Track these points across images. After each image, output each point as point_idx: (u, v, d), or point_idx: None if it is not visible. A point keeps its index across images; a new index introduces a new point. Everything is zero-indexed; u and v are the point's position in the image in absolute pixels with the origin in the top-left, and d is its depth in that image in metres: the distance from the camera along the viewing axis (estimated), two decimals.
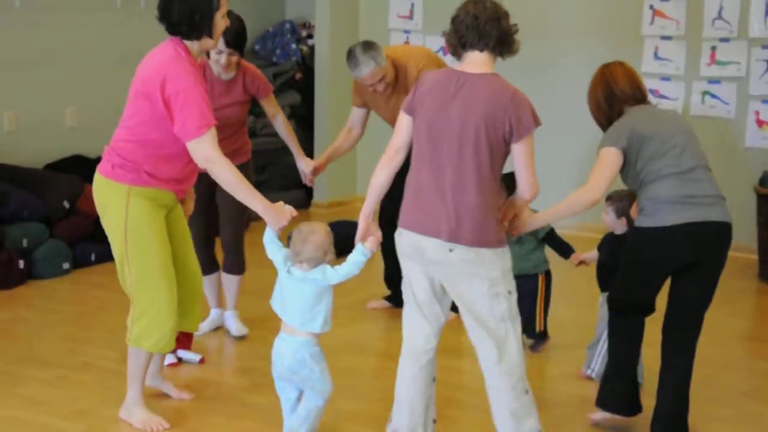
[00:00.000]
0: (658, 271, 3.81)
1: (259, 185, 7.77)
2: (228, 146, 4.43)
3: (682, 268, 3.80)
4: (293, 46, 8.36)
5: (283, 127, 5.09)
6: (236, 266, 4.97)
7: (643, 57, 7.12)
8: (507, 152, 3.43)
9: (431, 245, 3.42)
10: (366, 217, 3.61)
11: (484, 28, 3.40)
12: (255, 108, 7.90)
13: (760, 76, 6.89)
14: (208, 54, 4.57)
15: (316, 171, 5.14)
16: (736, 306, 5.91)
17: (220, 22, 3.80)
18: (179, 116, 3.66)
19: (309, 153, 8.46)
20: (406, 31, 8.18)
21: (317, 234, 3.60)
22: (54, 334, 5.04)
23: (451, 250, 3.39)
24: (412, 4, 8.11)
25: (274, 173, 8.02)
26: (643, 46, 7.15)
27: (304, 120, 8.39)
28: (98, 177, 3.86)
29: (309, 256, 3.58)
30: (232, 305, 5.04)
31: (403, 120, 3.52)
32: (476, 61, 3.44)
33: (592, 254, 4.56)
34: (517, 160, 3.42)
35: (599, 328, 4.45)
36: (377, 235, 3.62)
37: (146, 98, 3.69)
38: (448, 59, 7.94)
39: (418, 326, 3.56)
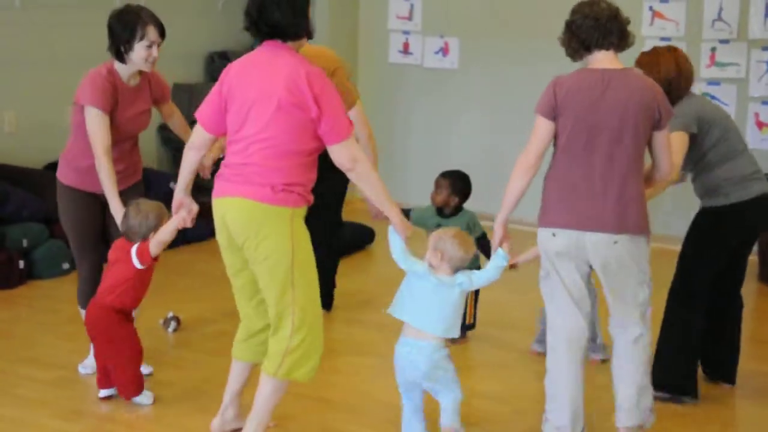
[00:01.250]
0: (736, 245, 4.34)
1: None
2: (122, 163, 4.28)
3: (747, 240, 4.43)
4: None
5: (180, 125, 4.61)
6: None
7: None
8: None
9: (595, 240, 3.59)
10: (503, 223, 3.73)
11: (605, 28, 3.63)
12: None
13: (759, 78, 6.91)
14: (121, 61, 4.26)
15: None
16: None
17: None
18: (329, 117, 3.43)
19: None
20: (406, 32, 8.18)
21: (462, 236, 3.69)
22: (53, 334, 5.04)
23: (615, 242, 3.58)
24: (412, 5, 8.12)
25: None
26: (643, 48, 7.11)
27: None
28: (253, 204, 3.43)
29: (457, 260, 3.63)
30: None
31: (544, 126, 3.64)
32: (607, 59, 3.66)
33: (525, 256, 4.35)
34: (660, 145, 3.67)
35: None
36: (509, 241, 3.77)
37: (297, 107, 3.40)
38: (447, 61, 7.98)
39: (574, 323, 3.68)
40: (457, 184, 5.00)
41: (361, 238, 6.92)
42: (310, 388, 4.46)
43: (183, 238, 6.92)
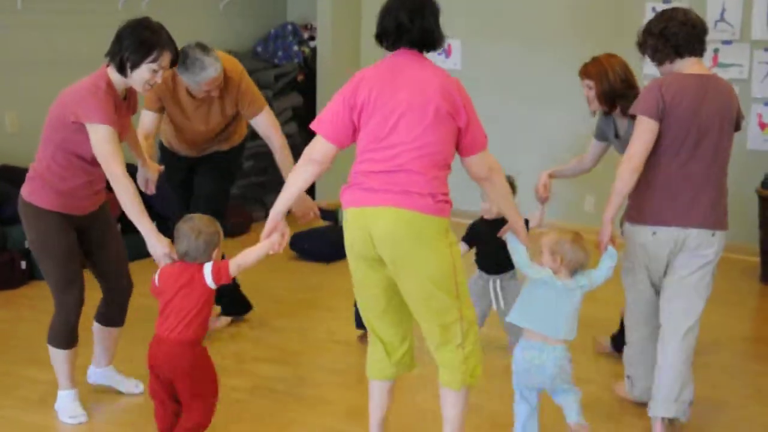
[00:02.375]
0: None
1: (260, 186, 7.83)
2: (102, 182, 4.06)
3: None
4: (295, 47, 8.36)
5: (133, 139, 4.33)
6: None
7: (645, 59, 7.10)
8: None
9: (696, 235, 3.87)
10: (611, 220, 3.86)
11: (699, 36, 3.89)
12: None
13: (762, 79, 6.90)
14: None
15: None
16: (738, 308, 5.91)
17: None
18: (473, 126, 3.39)
19: None
20: None
21: (579, 238, 3.71)
22: None
23: (713, 235, 3.88)
24: None
25: (275, 175, 7.99)
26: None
27: (305, 122, 8.37)
28: (413, 214, 3.26)
29: (576, 263, 3.66)
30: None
31: (651, 127, 3.80)
32: (698, 64, 3.90)
33: (537, 221, 4.49)
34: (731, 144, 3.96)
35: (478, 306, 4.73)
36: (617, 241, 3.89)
37: (451, 116, 3.33)
38: (450, 62, 7.98)
39: (676, 305, 3.93)
40: None
41: None
42: (310, 390, 4.47)
43: None
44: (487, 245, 4.70)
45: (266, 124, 4.88)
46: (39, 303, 5.58)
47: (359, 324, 4.90)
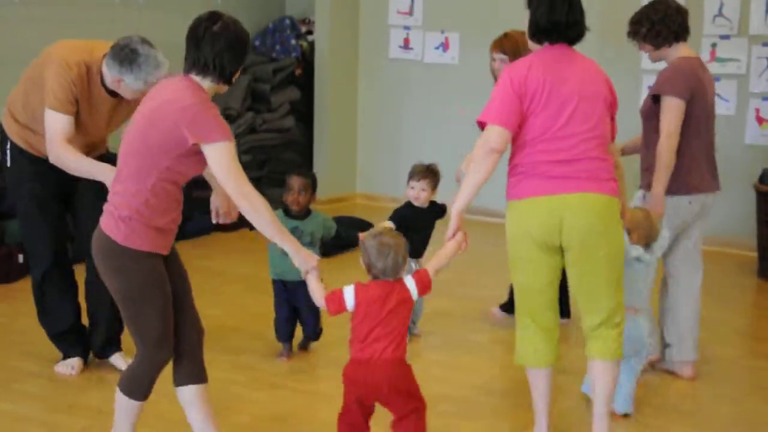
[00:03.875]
0: None
1: (258, 181, 7.83)
2: None
3: None
4: (293, 41, 8.35)
5: None
6: None
7: (643, 54, 7.10)
8: None
9: (713, 198, 4.52)
10: (663, 193, 4.29)
11: (688, 23, 4.42)
12: (255, 104, 7.94)
13: (760, 74, 6.90)
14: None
15: None
16: (736, 303, 5.92)
17: None
18: (614, 118, 3.68)
19: (308, 149, 8.48)
20: (406, 27, 8.17)
21: (649, 212, 4.13)
22: None
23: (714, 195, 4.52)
24: (412, 1, 8.11)
25: (273, 169, 8.01)
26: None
27: (303, 116, 8.39)
28: (608, 199, 3.49)
29: (653, 236, 4.07)
30: None
31: (682, 108, 4.28)
32: (689, 49, 4.42)
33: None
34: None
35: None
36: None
37: (612, 107, 3.61)
38: (448, 56, 7.97)
39: (690, 265, 4.53)
40: (312, 182, 4.76)
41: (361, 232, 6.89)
42: (313, 384, 4.48)
43: (182, 233, 6.94)
44: (414, 231, 4.70)
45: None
46: None
47: (282, 337, 4.72)
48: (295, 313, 4.72)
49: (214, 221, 4.01)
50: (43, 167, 4.16)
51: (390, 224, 4.66)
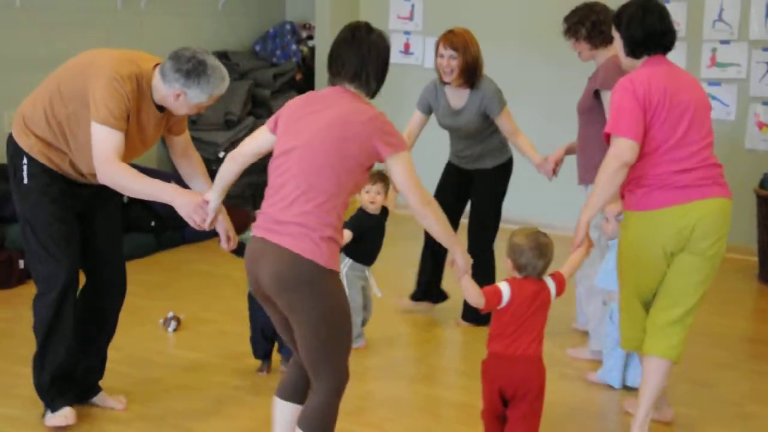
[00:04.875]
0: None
1: (258, 186, 7.82)
2: None
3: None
4: (293, 47, 8.36)
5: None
6: None
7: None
8: None
9: None
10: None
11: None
12: (256, 109, 7.94)
13: (760, 78, 6.90)
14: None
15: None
16: (736, 308, 5.92)
17: None
18: None
19: None
20: (407, 33, 8.18)
21: None
22: None
23: None
24: (413, 6, 8.12)
25: None
26: None
27: None
28: (728, 201, 3.70)
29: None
30: None
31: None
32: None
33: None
34: None
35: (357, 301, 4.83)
36: None
37: (709, 111, 3.78)
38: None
39: None
40: None
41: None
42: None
43: (182, 238, 6.95)
44: (371, 238, 4.78)
45: (189, 140, 4.07)
46: None
47: (261, 353, 4.59)
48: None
49: (225, 247, 3.87)
50: (66, 185, 3.82)
51: (348, 234, 4.59)
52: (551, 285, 3.43)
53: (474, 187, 5.27)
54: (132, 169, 3.60)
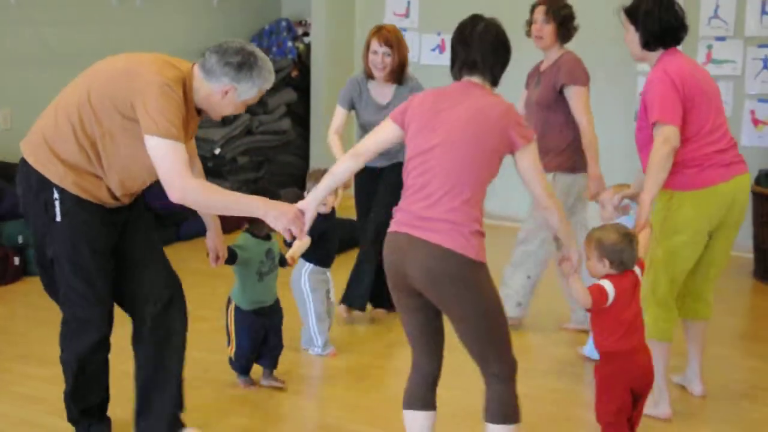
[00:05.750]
0: None
1: (255, 183, 7.82)
2: None
3: None
4: (289, 43, 8.36)
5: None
6: None
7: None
8: None
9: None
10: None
11: None
12: (252, 106, 7.93)
13: (755, 75, 6.91)
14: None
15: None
16: (732, 305, 5.93)
17: None
18: None
19: (305, 151, 8.48)
20: (402, 30, 8.12)
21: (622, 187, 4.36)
22: (49, 331, 4.99)
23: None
24: (409, 2, 8.12)
25: (270, 171, 8.01)
26: None
27: (300, 118, 8.39)
28: (749, 175, 4.10)
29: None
30: None
31: (586, 93, 4.85)
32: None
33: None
34: None
35: (306, 306, 4.76)
36: None
37: None
38: (444, 58, 7.96)
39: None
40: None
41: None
42: (308, 385, 4.48)
43: (177, 236, 6.95)
44: (328, 240, 4.71)
45: (195, 148, 3.86)
46: (32, 299, 5.58)
47: (244, 370, 4.39)
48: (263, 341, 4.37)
49: (213, 265, 3.87)
50: (103, 215, 3.43)
51: (307, 239, 4.27)
52: (637, 270, 3.54)
53: (383, 180, 5.21)
54: (209, 184, 3.35)
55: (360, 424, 4.04)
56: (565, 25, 4.96)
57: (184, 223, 6.98)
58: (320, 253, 4.72)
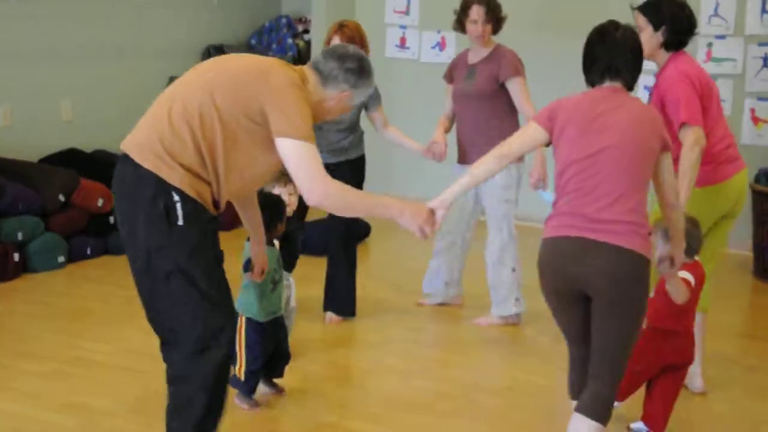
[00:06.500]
0: None
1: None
2: None
3: None
4: (289, 40, 8.35)
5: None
6: None
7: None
8: None
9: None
10: None
11: None
12: None
13: (755, 73, 6.91)
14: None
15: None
16: (731, 303, 5.92)
17: None
18: None
19: None
20: (402, 27, 8.18)
21: None
22: (48, 328, 5.04)
23: None
24: (409, 0, 8.11)
25: None
26: None
27: None
28: None
29: None
30: None
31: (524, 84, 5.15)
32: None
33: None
34: None
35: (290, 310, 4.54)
36: None
37: None
38: (444, 55, 7.97)
39: None
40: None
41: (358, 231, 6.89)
42: (305, 382, 4.48)
43: None
44: (291, 242, 4.52)
45: None
46: (32, 295, 5.58)
47: (252, 389, 4.14)
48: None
49: (259, 279, 4.00)
50: (216, 223, 3.26)
51: (276, 243, 4.15)
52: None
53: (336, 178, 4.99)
54: (346, 185, 3.22)
55: (355, 420, 4.04)
56: (499, 22, 5.28)
57: None
58: (284, 257, 4.29)
